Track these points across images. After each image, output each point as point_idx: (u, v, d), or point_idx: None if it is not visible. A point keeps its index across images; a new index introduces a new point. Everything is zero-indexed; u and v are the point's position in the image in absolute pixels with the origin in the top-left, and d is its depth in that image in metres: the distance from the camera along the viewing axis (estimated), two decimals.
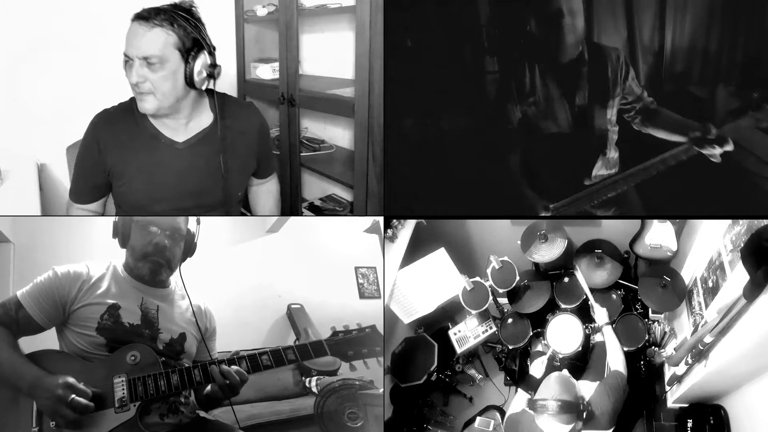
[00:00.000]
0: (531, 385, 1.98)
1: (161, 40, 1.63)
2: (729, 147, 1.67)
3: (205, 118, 1.82)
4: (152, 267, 1.52)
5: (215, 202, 1.85)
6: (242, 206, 2.10)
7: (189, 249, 1.59)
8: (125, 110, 1.79)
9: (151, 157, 1.76)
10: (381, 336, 1.62)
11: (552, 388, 1.69)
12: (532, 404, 1.71)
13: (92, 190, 1.86)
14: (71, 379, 1.31)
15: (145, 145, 1.76)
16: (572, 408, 1.66)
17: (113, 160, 1.76)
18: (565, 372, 1.85)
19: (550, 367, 2.09)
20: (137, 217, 1.54)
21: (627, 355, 2.03)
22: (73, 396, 1.28)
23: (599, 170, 1.85)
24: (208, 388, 1.48)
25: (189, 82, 1.69)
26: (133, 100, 1.78)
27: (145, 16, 1.63)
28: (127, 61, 1.64)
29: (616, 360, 1.95)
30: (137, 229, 1.52)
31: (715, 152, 1.69)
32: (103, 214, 1.95)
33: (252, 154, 1.93)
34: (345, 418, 2.24)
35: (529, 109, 1.83)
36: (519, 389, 1.94)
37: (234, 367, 1.44)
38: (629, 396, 1.93)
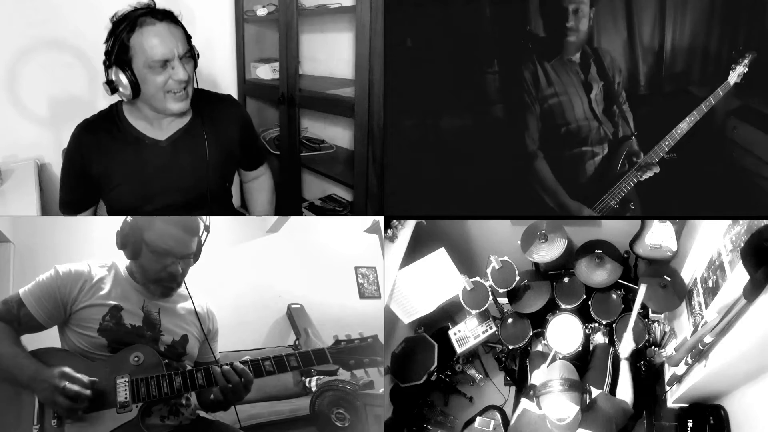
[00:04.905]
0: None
1: (185, 35, 1.69)
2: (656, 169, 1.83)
3: (185, 114, 1.83)
4: (164, 291, 1.52)
5: (204, 195, 1.86)
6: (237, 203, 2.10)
7: (195, 258, 1.58)
8: (105, 118, 1.80)
9: (137, 160, 1.77)
10: (382, 346, 1.61)
11: (557, 371, 1.71)
12: (536, 389, 1.72)
13: (80, 200, 1.87)
14: (68, 369, 1.32)
15: (130, 149, 1.77)
16: (578, 387, 1.67)
17: (99, 168, 1.77)
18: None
19: None
20: (147, 234, 1.49)
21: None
22: (66, 383, 1.29)
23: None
24: (212, 394, 1.48)
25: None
26: (112, 108, 1.80)
27: (160, 18, 1.65)
28: (164, 65, 1.64)
29: (625, 394, 1.94)
30: (149, 253, 1.49)
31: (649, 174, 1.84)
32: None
33: (234, 143, 1.93)
34: (333, 417, 2.26)
35: (546, 103, 1.85)
36: (523, 398, 1.93)
37: (238, 365, 1.44)
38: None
